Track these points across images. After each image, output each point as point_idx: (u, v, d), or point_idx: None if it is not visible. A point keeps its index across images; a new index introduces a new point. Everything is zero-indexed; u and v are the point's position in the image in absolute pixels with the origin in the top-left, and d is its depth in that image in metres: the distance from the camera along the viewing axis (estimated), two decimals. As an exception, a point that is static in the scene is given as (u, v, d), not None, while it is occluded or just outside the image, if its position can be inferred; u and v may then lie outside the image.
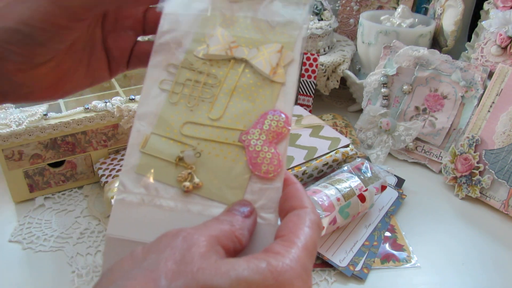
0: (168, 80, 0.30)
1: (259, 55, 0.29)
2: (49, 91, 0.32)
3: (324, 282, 0.51)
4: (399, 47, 0.76)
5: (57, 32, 0.28)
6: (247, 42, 0.30)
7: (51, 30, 0.28)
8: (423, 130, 0.74)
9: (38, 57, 0.29)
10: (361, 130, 0.78)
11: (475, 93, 0.71)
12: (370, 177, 0.59)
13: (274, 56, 0.29)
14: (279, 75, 0.29)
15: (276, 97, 0.29)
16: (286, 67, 0.29)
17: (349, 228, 0.58)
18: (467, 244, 0.58)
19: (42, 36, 0.28)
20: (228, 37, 0.30)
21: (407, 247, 0.56)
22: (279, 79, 0.29)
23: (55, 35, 0.28)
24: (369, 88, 0.78)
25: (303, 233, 0.23)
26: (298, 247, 0.22)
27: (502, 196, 0.63)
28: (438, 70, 0.73)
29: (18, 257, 0.54)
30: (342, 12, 0.97)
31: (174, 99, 0.29)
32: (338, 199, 0.54)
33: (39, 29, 0.27)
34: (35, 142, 0.60)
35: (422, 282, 0.52)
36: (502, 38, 0.71)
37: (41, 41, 0.28)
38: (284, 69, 0.29)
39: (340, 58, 0.86)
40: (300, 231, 0.24)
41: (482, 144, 0.66)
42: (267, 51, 0.30)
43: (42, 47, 0.28)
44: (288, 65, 0.30)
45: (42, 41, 0.28)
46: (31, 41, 0.28)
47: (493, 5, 0.75)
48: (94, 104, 0.62)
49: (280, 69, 0.29)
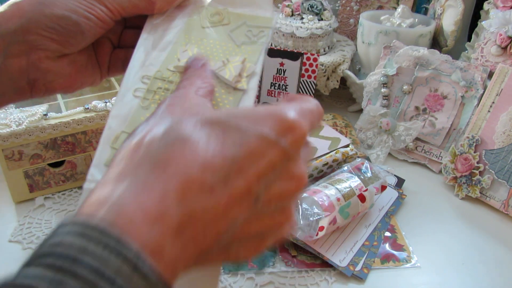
0: (141, 89, 0.33)
1: (224, 67, 0.33)
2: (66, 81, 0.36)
3: (324, 282, 0.51)
4: (399, 47, 0.76)
5: (95, 25, 0.34)
6: (214, 58, 0.34)
7: (92, 21, 0.34)
8: (423, 130, 0.74)
9: (69, 46, 0.34)
10: (361, 130, 0.78)
11: (475, 93, 0.71)
12: (370, 177, 0.59)
13: (237, 67, 0.33)
14: (242, 83, 0.33)
15: (238, 102, 0.32)
16: (249, 77, 0.33)
17: (349, 228, 0.58)
18: (467, 244, 0.58)
19: (85, 25, 0.33)
20: (197, 53, 0.34)
21: (407, 247, 0.56)
22: (241, 87, 0.33)
23: (93, 27, 0.34)
24: (369, 88, 0.78)
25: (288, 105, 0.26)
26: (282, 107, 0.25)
27: (502, 196, 0.63)
28: (438, 70, 0.73)
29: (18, 257, 0.54)
30: (342, 12, 0.97)
31: (146, 103, 0.32)
32: (338, 199, 0.54)
33: (84, 17, 0.33)
34: (35, 142, 0.60)
35: (422, 282, 0.52)
36: (502, 38, 0.71)
37: (82, 30, 0.33)
38: (246, 78, 0.33)
39: (340, 58, 0.86)
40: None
41: (482, 144, 0.66)
42: (231, 62, 0.34)
43: (78, 36, 0.34)
44: (250, 76, 0.33)
45: (82, 30, 0.34)
46: (74, 28, 0.33)
47: (493, 5, 0.75)
48: (94, 104, 0.62)
49: (243, 78, 0.33)
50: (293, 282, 0.51)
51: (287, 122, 0.24)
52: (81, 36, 0.34)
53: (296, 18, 0.84)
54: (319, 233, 0.52)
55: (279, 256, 0.54)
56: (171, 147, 0.22)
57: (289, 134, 0.24)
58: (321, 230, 0.52)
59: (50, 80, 0.35)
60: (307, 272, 0.52)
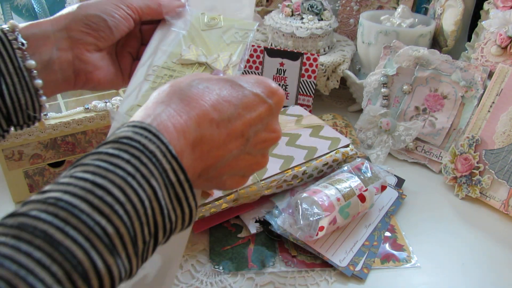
0: (151, 75, 0.43)
1: (216, 60, 0.44)
2: (100, 74, 0.44)
3: (324, 282, 0.51)
4: (399, 47, 0.76)
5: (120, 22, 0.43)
6: (209, 53, 0.45)
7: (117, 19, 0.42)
8: (423, 130, 0.74)
9: (101, 39, 0.43)
10: (361, 130, 0.78)
11: (475, 93, 0.71)
12: (370, 177, 0.59)
13: (226, 60, 0.44)
14: (229, 71, 0.43)
15: None
16: (234, 67, 0.44)
17: (349, 228, 0.58)
18: (467, 244, 0.58)
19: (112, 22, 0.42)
20: (197, 50, 0.45)
21: (407, 247, 0.56)
22: (228, 74, 0.43)
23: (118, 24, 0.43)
24: (369, 88, 0.78)
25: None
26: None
27: (502, 196, 0.63)
28: (438, 70, 0.73)
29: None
30: (342, 12, 0.97)
31: (154, 85, 0.43)
32: (338, 199, 0.54)
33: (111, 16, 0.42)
34: (35, 142, 0.60)
35: (422, 282, 0.52)
36: (502, 38, 0.71)
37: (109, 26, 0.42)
38: (232, 68, 0.44)
39: (340, 58, 0.86)
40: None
41: (482, 144, 0.66)
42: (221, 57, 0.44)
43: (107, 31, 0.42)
44: (234, 66, 0.44)
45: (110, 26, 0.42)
46: (104, 24, 0.42)
47: (493, 5, 0.75)
48: (94, 104, 0.62)
49: (229, 68, 0.44)
50: (293, 282, 0.51)
51: (272, 88, 0.35)
52: (109, 31, 0.42)
53: (296, 18, 0.84)
54: (319, 233, 0.52)
55: (279, 256, 0.54)
56: (195, 89, 0.32)
57: (274, 96, 0.35)
58: (321, 230, 0.52)
59: (90, 71, 0.43)
60: (307, 272, 0.52)
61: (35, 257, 0.21)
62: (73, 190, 0.24)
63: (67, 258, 0.22)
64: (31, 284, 0.20)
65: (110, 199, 0.24)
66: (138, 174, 0.26)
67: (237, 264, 0.53)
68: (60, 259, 0.22)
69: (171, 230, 0.29)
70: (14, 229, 0.22)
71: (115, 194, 0.25)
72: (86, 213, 0.23)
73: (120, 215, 0.24)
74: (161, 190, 0.27)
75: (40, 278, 0.21)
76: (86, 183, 0.25)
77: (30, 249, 0.21)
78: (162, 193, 0.27)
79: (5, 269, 0.20)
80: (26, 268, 0.21)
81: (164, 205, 0.27)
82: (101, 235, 0.23)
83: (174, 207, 0.28)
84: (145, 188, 0.26)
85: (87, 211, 0.24)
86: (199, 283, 0.51)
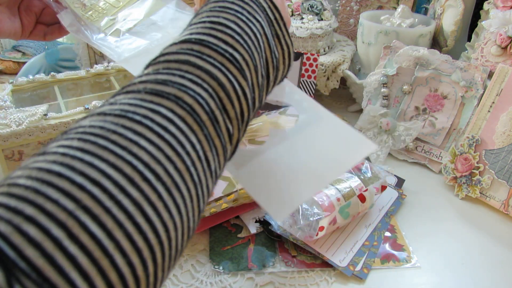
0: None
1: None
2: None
3: (324, 282, 0.51)
4: (399, 47, 0.76)
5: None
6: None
7: None
8: (423, 130, 0.74)
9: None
10: (361, 130, 0.78)
11: (475, 93, 0.71)
12: (370, 177, 0.59)
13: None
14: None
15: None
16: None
17: (349, 228, 0.58)
18: (467, 244, 0.58)
19: None
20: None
21: (407, 247, 0.56)
22: None
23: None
24: (369, 88, 0.78)
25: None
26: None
27: (502, 196, 0.63)
28: (438, 70, 0.73)
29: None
30: (342, 12, 0.97)
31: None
32: (338, 199, 0.54)
33: None
34: (35, 142, 0.60)
35: (422, 282, 0.52)
36: (502, 38, 0.71)
37: None
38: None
39: (340, 58, 0.86)
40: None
41: (482, 144, 0.66)
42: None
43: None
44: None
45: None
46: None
47: (493, 5, 0.75)
48: (94, 104, 0.62)
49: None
50: (293, 282, 0.51)
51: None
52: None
53: (296, 18, 0.84)
54: (319, 233, 0.52)
55: (279, 256, 0.54)
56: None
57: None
58: (321, 230, 0.52)
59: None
60: (307, 272, 0.52)
61: (188, 78, 0.26)
62: (195, 30, 0.29)
63: (213, 77, 0.27)
64: (193, 96, 0.26)
65: (230, 31, 0.29)
66: (245, 11, 0.31)
67: (237, 264, 0.53)
68: (207, 78, 0.27)
69: (277, 69, 0.34)
70: (163, 63, 0.27)
71: (232, 27, 0.29)
72: (214, 44, 0.28)
73: (241, 43, 0.29)
74: (266, 26, 0.32)
75: (197, 92, 0.26)
76: (204, 23, 0.29)
77: (182, 73, 0.26)
78: (267, 29, 0.32)
79: (170, 86, 0.26)
80: (185, 86, 0.26)
81: (271, 39, 0.32)
82: (232, 60, 0.28)
83: (275, 44, 0.33)
84: (253, 22, 0.31)
85: (214, 42, 0.28)
86: (199, 283, 0.51)
